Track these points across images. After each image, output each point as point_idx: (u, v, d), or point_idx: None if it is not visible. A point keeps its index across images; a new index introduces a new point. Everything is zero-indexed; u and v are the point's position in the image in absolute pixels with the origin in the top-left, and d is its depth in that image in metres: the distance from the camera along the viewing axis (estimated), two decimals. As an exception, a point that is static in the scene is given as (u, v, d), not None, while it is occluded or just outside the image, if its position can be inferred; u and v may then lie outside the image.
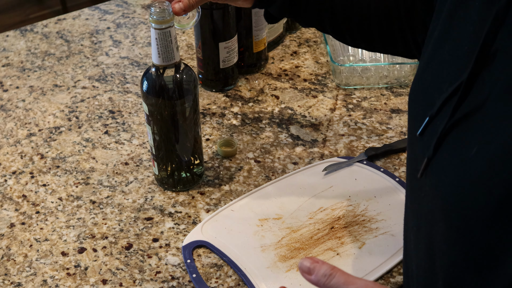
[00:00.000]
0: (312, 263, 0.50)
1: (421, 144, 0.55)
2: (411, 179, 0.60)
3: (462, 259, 0.49)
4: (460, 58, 0.54)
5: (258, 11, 1.13)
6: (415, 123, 0.58)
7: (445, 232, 0.50)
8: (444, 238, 0.51)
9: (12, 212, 0.92)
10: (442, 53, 0.58)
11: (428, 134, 0.54)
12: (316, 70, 1.21)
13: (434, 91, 0.56)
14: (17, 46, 1.30)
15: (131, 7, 1.44)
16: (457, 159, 0.50)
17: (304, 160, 1.00)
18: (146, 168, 0.99)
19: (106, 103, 1.14)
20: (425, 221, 0.55)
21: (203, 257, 0.85)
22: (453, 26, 0.57)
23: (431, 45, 0.61)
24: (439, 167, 0.52)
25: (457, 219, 0.49)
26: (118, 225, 0.89)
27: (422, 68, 0.62)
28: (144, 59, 1.25)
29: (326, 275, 0.50)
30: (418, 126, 0.56)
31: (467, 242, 0.48)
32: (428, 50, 0.61)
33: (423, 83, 0.60)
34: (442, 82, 0.55)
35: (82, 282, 0.82)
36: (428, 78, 0.59)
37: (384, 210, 0.90)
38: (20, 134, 1.07)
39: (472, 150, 0.48)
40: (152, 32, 0.81)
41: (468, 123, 0.50)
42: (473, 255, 0.48)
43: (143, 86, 0.86)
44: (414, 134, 0.57)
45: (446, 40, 0.58)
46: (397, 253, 0.84)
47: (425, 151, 0.54)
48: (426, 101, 0.57)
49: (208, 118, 1.09)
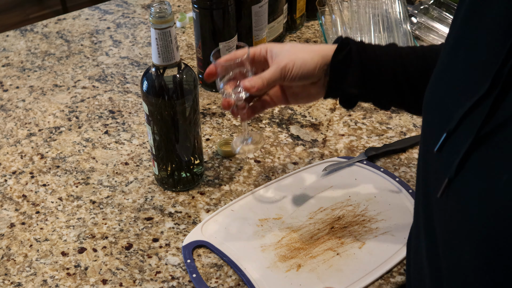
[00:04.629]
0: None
1: (439, 161, 0.52)
2: (426, 196, 0.57)
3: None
4: (477, 69, 0.51)
5: (258, 10, 1.13)
6: (431, 137, 0.55)
7: (473, 261, 0.47)
8: (472, 267, 0.47)
9: (12, 212, 0.92)
10: (457, 62, 0.55)
11: (447, 151, 0.51)
12: (316, 70, 1.21)
13: (450, 103, 0.53)
14: (17, 46, 1.30)
15: (131, 7, 1.44)
16: (485, 184, 0.46)
17: (304, 160, 1.00)
18: (146, 168, 0.99)
19: (106, 103, 1.14)
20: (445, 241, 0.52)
21: (203, 257, 0.85)
22: (468, 34, 0.54)
23: (446, 53, 0.58)
24: (464, 190, 0.49)
25: (488, 250, 0.45)
26: (118, 225, 0.89)
27: (436, 78, 0.59)
28: (144, 59, 1.25)
29: None
30: (434, 142, 0.53)
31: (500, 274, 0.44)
32: (443, 58, 0.58)
33: (438, 94, 0.57)
34: (459, 95, 0.52)
35: (82, 282, 0.82)
36: (442, 88, 0.56)
37: (384, 210, 0.90)
38: (20, 134, 1.07)
39: (501, 176, 0.44)
40: (152, 32, 0.81)
41: (494, 143, 0.46)
42: None
43: (143, 86, 0.86)
44: (429, 149, 0.55)
45: (461, 48, 0.55)
46: (397, 253, 0.84)
47: (445, 170, 0.50)
48: (442, 114, 0.54)
49: (208, 118, 1.09)
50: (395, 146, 1.01)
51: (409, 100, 0.78)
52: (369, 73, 0.77)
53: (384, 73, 0.77)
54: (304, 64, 0.76)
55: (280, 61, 0.77)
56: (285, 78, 0.77)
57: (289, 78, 0.77)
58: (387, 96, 0.79)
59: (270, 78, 0.76)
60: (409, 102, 0.79)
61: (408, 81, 0.77)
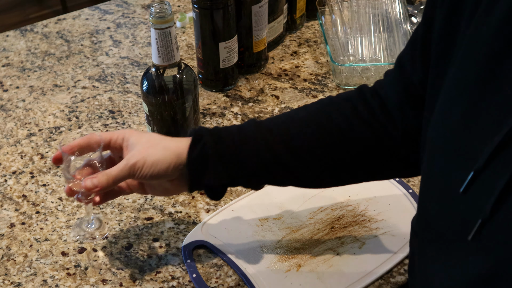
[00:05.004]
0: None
1: (466, 202, 0.49)
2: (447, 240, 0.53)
3: None
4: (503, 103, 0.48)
5: (258, 10, 1.13)
6: (450, 177, 0.52)
7: None
8: None
9: (12, 212, 0.92)
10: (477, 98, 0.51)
11: (476, 192, 0.48)
12: (316, 70, 1.21)
13: (472, 139, 0.50)
14: (17, 46, 1.30)
15: (131, 7, 1.44)
16: None
17: (304, 160, 1.00)
18: (146, 168, 0.99)
19: (106, 103, 1.14)
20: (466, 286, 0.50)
21: (203, 257, 0.85)
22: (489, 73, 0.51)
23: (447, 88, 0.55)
24: (498, 230, 0.46)
25: None
26: (118, 225, 0.89)
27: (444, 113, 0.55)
28: (144, 59, 1.25)
29: None
30: (457, 182, 0.49)
31: None
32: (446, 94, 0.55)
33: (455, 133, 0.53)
34: (483, 131, 0.49)
35: (82, 282, 0.82)
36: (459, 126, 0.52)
37: (384, 210, 0.90)
38: (20, 134, 1.07)
39: None
40: (152, 32, 0.81)
41: None
42: None
43: (143, 86, 0.86)
44: (450, 190, 0.51)
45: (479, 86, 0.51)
46: (397, 253, 0.84)
47: (475, 211, 0.48)
48: (463, 151, 0.51)
49: (208, 118, 1.09)
50: (395, 146, 1.01)
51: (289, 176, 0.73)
52: (231, 164, 0.71)
53: (248, 159, 0.71)
54: (155, 163, 0.70)
55: (131, 156, 0.71)
56: (134, 176, 0.71)
57: (139, 177, 0.71)
58: (260, 179, 0.74)
59: (117, 176, 0.70)
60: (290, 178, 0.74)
61: (277, 158, 0.71)
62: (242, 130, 0.73)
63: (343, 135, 0.72)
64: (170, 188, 0.76)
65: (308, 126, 0.73)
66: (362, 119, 0.72)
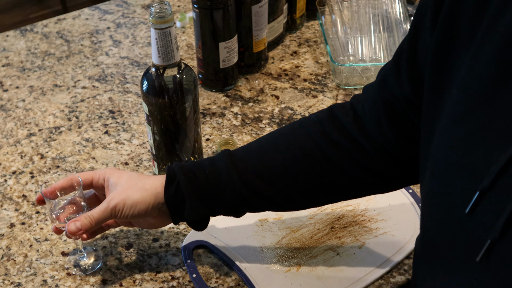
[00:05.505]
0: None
1: (472, 223, 0.49)
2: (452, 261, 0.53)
3: None
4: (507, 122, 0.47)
5: (258, 10, 1.13)
6: (454, 198, 0.51)
7: None
8: None
9: (12, 212, 0.92)
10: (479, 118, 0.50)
11: (482, 212, 0.48)
12: (316, 70, 1.21)
13: (476, 159, 0.49)
14: (17, 46, 1.30)
15: (131, 7, 1.44)
16: None
17: (304, 160, 1.00)
18: (146, 168, 0.99)
19: (106, 103, 1.14)
20: None
21: (203, 257, 0.85)
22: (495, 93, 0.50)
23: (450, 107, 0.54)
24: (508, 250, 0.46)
25: None
26: (118, 225, 0.89)
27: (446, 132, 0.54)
28: (144, 59, 1.25)
29: None
30: (462, 202, 0.49)
31: None
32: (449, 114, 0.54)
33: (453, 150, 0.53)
34: (487, 149, 0.49)
35: (82, 282, 0.82)
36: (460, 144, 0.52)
37: (384, 210, 0.90)
38: (20, 134, 1.07)
39: None
40: (152, 32, 0.81)
41: None
42: None
43: (143, 86, 0.86)
44: (455, 211, 0.51)
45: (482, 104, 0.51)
46: (397, 253, 0.84)
47: (483, 231, 0.47)
48: (467, 171, 0.50)
49: (208, 118, 1.09)
50: (395, 146, 1.01)
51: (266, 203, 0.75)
52: (207, 198, 0.74)
53: (223, 192, 0.73)
54: (135, 204, 0.73)
55: (111, 198, 0.74)
56: (116, 217, 0.75)
57: (121, 217, 0.75)
58: (238, 209, 0.76)
59: (99, 218, 0.74)
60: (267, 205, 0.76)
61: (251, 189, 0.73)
62: (215, 163, 0.74)
63: (314, 160, 0.73)
64: (155, 223, 0.79)
65: (280, 153, 0.74)
66: (332, 141, 0.72)
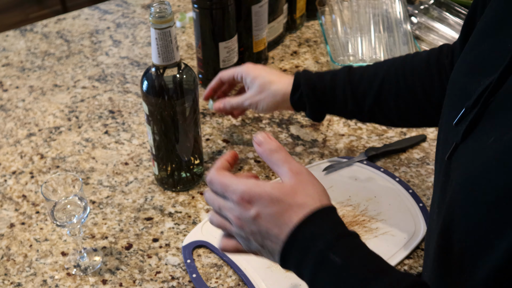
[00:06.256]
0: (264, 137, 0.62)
1: (454, 131, 0.59)
2: (439, 163, 0.65)
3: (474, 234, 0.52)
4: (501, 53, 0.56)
5: (258, 10, 1.13)
6: (452, 112, 0.61)
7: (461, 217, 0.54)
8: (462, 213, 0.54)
9: (12, 212, 0.92)
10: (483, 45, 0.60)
11: (462, 124, 0.58)
12: (316, 70, 1.21)
13: (472, 82, 0.59)
14: (17, 46, 1.30)
15: (131, 7, 1.44)
16: (478, 146, 0.54)
17: (304, 160, 1.00)
18: (146, 168, 0.99)
19: (106, 103, 1.14)
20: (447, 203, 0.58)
21: (203, 257, 0.85)
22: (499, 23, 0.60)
23: (475, 35, 0.64)
24: (463, 152, 0.56)
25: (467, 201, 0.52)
26: (118, 225, 0.89)
27: (462, 59, 0.65)
28: (144, 59, 1.25)
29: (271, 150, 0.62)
30: (454, 116, 0.59)
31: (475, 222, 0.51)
32: (471, 40, 0.64)
33: (461, 74, 0.63)
34: (480, 75, 0.58)
35: (82, 282, 0.82)
36: (465, 69, 0.63)
37: (384, 210, 0.90)
38: (20, 134, 1.07)
39: (490, 139, 0.52)
40: (152, 32, 0.81)
41: (494, 115, 0.54)
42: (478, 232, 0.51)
43: (143, 86, 0.86)
44: (450, 124, 0.60)
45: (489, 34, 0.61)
46: (397, 253, 0.84)
47: (455, 137, 0.58)
48: (463, 91, 0.60)
49: (208, 118, 1.09)
50: (395, 146, 1.01)
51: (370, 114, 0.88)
52: (325, 106, 0.90)
53: (339, 104, 0.89)
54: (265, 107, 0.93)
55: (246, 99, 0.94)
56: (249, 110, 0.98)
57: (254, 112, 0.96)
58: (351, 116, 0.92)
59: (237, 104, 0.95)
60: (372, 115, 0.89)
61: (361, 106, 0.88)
62: (335, 79, 0.89)
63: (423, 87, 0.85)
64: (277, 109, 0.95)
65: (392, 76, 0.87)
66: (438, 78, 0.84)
